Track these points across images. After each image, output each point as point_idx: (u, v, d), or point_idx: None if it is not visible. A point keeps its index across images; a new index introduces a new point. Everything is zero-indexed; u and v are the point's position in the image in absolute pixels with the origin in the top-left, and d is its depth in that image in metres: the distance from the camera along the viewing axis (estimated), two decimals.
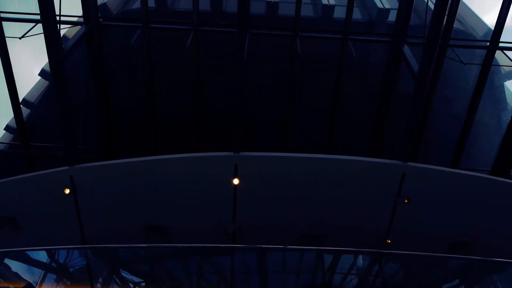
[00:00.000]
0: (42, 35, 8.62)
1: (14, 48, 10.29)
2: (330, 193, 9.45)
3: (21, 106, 11.04)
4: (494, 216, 9.68)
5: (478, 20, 13.55)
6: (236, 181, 9.04)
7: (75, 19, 10.54)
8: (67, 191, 9.15)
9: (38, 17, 9.88)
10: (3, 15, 9.77)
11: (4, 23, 9.75)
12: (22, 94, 11.52)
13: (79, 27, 10.09)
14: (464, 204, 9.53)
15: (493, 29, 10.32)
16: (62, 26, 9.72)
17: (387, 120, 10.80)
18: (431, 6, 9.13)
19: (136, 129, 12.17)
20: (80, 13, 10.05)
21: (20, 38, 9.24)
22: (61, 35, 9.55)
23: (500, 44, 10.26)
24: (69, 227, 9.72)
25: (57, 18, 8.46)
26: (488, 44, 10.28)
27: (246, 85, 8.59)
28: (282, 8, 12.25)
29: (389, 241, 9.70)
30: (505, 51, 10.55)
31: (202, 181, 9.30)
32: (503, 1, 9.81)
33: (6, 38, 9.80)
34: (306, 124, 11.78)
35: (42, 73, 13.31)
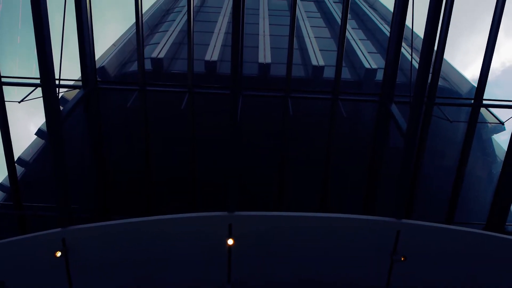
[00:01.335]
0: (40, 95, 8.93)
1: (11, 104, 10.48)
2: (325, 251, 9.37)
3: (15, 164, 11.10)
4: (491, 271, 9.59)
5: (461, 77, 14.15)
6: (230, 242, 8.96)
7: (73, 82, 10.90)
8: (59, 254, 9.00)
9: (37, 81, 10.21)
10: (3, 79, 10.09)
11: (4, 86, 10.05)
12: (17, 151, 11.57)
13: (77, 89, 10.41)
14: (461, 260, 9.46)
15: (475, 85, 10.80)
16: (61, 89, 10.03)
17: (379, 177, 10.94)
18: (416, 65, 9.60)
19: (130, 187, 12.18)
20: (79, 74, 10.42)
21: (19, 102, 9.49)
22: (60, 96, 9.83)
23: (484, 102, 10.67)
24: None
25: (56, 81, 8.74)
26: (472, 101, 10.67)
27: (240, 147, 8.78)
28: (273, 69, 12.77)
29: None
30: (489, 108, 10.93)
31: (196, 241, 9.21)
32: (483, 62, 10.33)
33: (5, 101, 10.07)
34: (300, 181, 11.88)
35: (39, 133, 13.51)
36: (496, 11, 9.90)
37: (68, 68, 9.95)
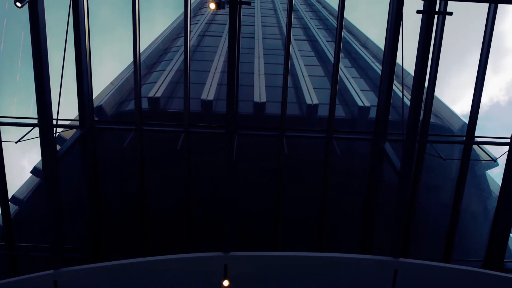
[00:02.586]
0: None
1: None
2: None
3: (9, 203, 10.99)
4: None
5: (452, 113, 14.42)
6: (226, 283, 8.81)
7: (70, 122, 11.02)
8: None
9: (34, 120, 10.31)
10: (1, 119, 10.19)
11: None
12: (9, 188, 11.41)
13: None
14: None
15: (466, 121, 11.01)
16: (58, 129, 10.13)
17: (375, 215, 10.92)
18: (408, 102, 9.81)
19: (126, 225, 12.06)
20: (75, 111, 10.54)
21: (16, 142, 9.54)
22: (57, 135, 9.90)
23: (476, 139, 10.85)
24: None
25: (54, 121, 8.83)
26: (464, 139, 10.85)
27: (236, 186, 8.80)
28: (269, 107, 12.99)
29: None
30: (481, 146, 11.09)
31: (191, 282, 9.04)
32: (473, 101, 10.59)
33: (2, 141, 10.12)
34: (296, 219, 11.83)
35: (34, 171, 13.49)
36: (483, 52, 10.25)
37: (64, 104, 10.04)
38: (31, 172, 13.76)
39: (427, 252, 12.19)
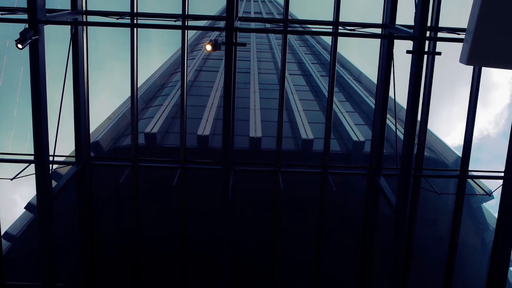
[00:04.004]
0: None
1: None
2: None
3: (1, 240, 10.80)
4: None
5: (446, 147, 14.59)
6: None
7: (65, 158, 11.04)
8: None
9: (30, 157, 10.31)
10: None
11: None
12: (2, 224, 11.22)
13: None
14: None
15: (460, 154, 11.10)
16: (54, 165, 10.12)
17: (372, 250, 10.83)
18: (401, 136, 9.91)
19: (118, 262, 11.87)
20: (70, 145, 10.56)
21: (11, 180, 9.51)
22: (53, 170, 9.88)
23: (470, 173, 10.93)
24: None
25: (50, 157, 8.86)
26: (458, 173, 10.93)
27: (230, 226, 8.76)
28: (264, 142, 13.10)
29: None
30: (475, 180, 11.16)
31: None
32: (465, 136, 10.74)
33: None
34: (292, 254, 11.69)
35: (28, 207, 13.38)
36: (473, 89, 10.50)
37: (60, 137, 10.04)
38: (25, 208, 13.64)
39: (426, 287, 12.03)
